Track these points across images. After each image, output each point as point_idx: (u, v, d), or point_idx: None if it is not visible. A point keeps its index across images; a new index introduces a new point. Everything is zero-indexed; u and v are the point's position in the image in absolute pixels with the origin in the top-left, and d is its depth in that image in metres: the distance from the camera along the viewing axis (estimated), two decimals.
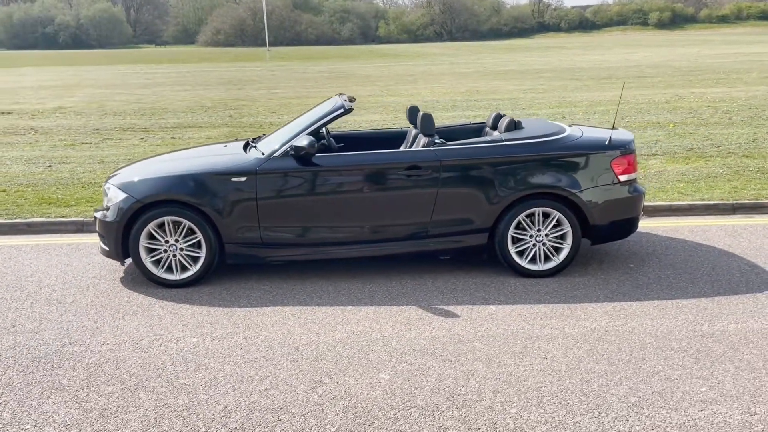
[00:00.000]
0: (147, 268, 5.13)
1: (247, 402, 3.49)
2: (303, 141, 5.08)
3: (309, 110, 6.05)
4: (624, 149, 5.33)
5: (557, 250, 5.27)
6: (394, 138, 6.11)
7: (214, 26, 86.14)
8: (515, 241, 5.25)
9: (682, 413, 3.32)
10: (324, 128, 5.98)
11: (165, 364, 3.93)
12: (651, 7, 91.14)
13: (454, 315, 4.58)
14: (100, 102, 19.05)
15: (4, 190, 8.22)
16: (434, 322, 4.45)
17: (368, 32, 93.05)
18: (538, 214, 5.19)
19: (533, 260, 5.26)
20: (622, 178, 5.29)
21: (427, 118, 5.48)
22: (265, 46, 64.03)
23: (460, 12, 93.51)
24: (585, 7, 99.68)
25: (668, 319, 4.45)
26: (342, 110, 5.29)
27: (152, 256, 5.13)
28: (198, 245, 5.12)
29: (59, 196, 7.84)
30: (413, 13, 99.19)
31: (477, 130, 6.14)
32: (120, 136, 12.82)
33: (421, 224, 5.19)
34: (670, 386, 3.58)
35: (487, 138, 5.39)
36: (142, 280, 5.23)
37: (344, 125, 12.25)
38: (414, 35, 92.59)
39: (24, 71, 37.27)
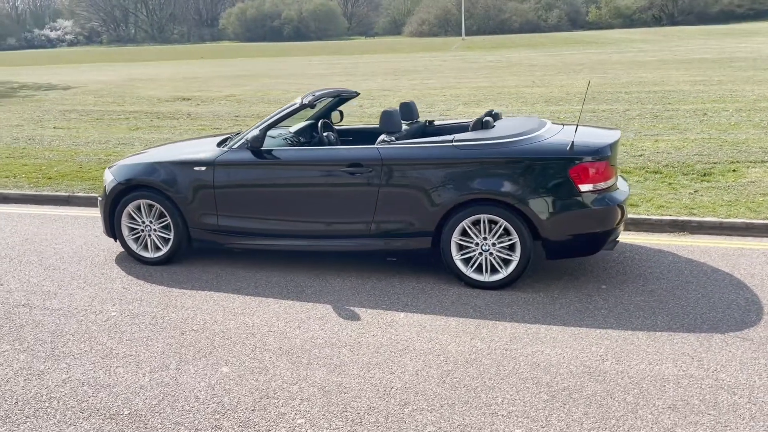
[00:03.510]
0: (128, 245, 5.71)
1: (77, 375, 3.80)
2: (252, 134, 5.28)
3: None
4: (593, 156, 4.74)
5: (507, 262, 4.89)
6: (416, 133, 5.94)
7: (420, 17, 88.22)
8: (461, 248, 4.96)
9: None
10: (322, 122, 6.13)
11: (72, 330, 4.39)
12: None
13: (356, 318, 4.50)
14: (265, 91, 20.73)
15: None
16: (328, 324, 4.42)
17: (577, 18, 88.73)
18: (484, 222, 4.85)
19: (479, 270, 4.93)
20: (585, 187, 4.71)
21: (389, 115, 5.36)
22: (465, 35, 64.12)
23: None
24: None
25: (571, 350, 3.95)
26: (297, 105, 5.38)
27: (133, 235, 5.70)
28: (168, 227, 5.58)
29: None
30: None
31: (464, 127, 5.83)
32: (253, 123, 13.96)
33: (364, 223, 5.11)
34: (481, 422, 3.23)
35: (436, 138, 5.12)
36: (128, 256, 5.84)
37: (432, 115, 12.09)
38: (629, 20, 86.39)
39: (234, 62, 41.64)
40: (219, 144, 5.61)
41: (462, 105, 15.26)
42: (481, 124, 5.26)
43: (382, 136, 5.27)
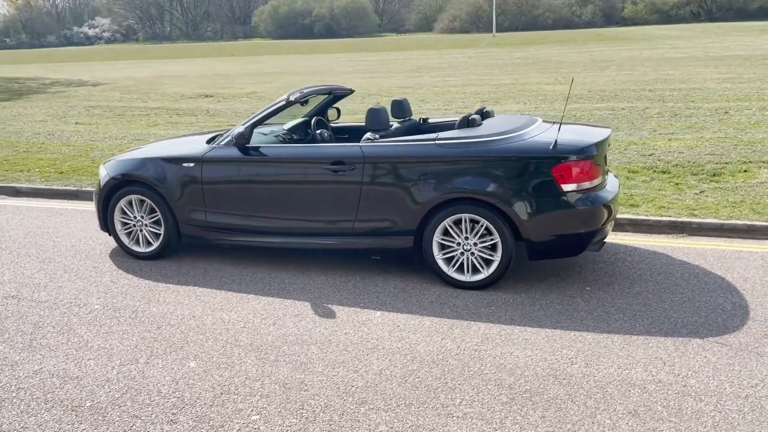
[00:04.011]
0: (120, 239, 5.80)
1: (49, 366, 3.87)
2: (238, 131, 5.32)
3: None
4: (578, 155, 4.65)
5: (488, 262, 4.83)
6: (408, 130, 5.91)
7: (451, 13, 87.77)
8: (443, 247, 4.91)
9: None
10: (315, 119, 6.14)
11: (54, 322, 4.48)
12: None
13: (331, 316, 4.49)
14: (287, 88, 20.84)
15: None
16: (303, 321, 4.42)
17: (613, 14, 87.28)
18: (466, 221, 4.79)
19: (461, 270, 4.88)
20: (568, 187, 4.62)
21: (375, 112, 5.34)
22: (496, 31, 63.61)
23: None
24: None
25: (541, 352, 3.89)
26: (283, 103, 5.39)
27: (125, 229, 5.79)
28: (159, 223, 5.65)
29: None
30: None
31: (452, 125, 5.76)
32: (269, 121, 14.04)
33: (347, 221, 5.10)
34: (434, 423, 3.20)
35: (419, 137, 5.07)
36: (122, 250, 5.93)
37: (447, 113, 12.00)
38: (666, 16, 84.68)
39: (263, 59, 41.99)
40: (209, 141, 5.66)
41: (480, 102, 15.13)
42: (467, 122, 5.20)
43: (368, 134, 5.25)
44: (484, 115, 5.72)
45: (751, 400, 3.32)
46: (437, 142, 4.89)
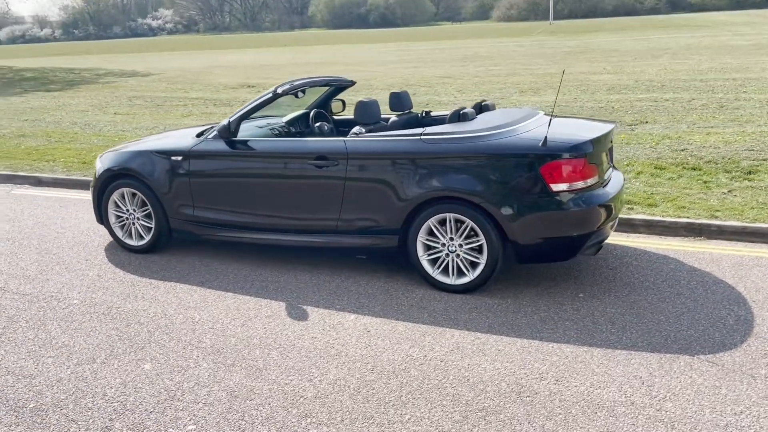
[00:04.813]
0: (114, 232, 5.78)
1: (8, 363, 3.83)
2: (222, 124, 5.18)
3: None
4: (570, 152, 4.31)
5: (474, 265, 4.56)
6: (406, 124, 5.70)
7: (508, 1, 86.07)
8: (428, 248, 4.67)
9: None
10: (314, 111, 5.98)
11: (28, 317, 4.46)
12: None
13: (303, 318, 4.32)
14: None
15: None
16: (273, 323, 4.26)
17: (679, 0, 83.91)
18: (450, 221, 4.53)
19: (446, 272, 4.63)
20: (558, 187, 4.29)
21: (363, 105, 5.12)
22: (553, 19, 62.01)
23: None
24: None
25: (512, 365, 3.61)
26: (270, 95, 5.22)
27: (119, 222, 5.76)
28: (150, 216, 5.59)
29: None
30: None
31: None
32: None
33: (331, 218, 4.91)
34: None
35: (404, 132, 4.81)
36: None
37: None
38: (735, 1, 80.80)
39: (315, 49, 42.11)
40: (199, 134, 5.55)
41: (518, 93, 14.67)
42: (458, 117, 4.92)
43: (355, 128, 5.04)
44: (483, 108, 5.42)
45: (730, 430, 2.97)
46: (422, 137, 4.64)
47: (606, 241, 5.51)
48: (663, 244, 5.49)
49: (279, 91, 5.23)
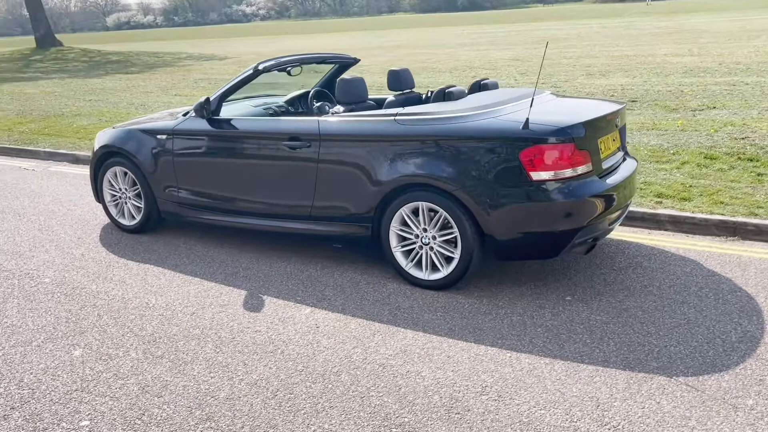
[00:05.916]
0: (108, 211, 5.71)
1: None
2: (199, 102, 4.95)
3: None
4: (555, 136, 3.77)
5: (449, 259, 4.12)
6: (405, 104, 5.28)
7: None
8: (401, 239, 4.27)
9: None
10: (315, 90, 5.70)
11: (10, 290, 4.44)
12: None
13: (257, 310, 4.04)
14: (393, 62, 20.37)
15: None
16: (224, 313, 4.00)
17: None
18: (423, 210, 4.11)
19: (419, 266, 4.22)
20: (540, 175, 3.77)
21: (345, 83, 4.74)
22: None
23: None
24: None
25: (456, 375, 3.18)
26: (250, 72, 4.92)
27: (113, 201, 5.68)
28: (140, 196, 5.47)
29: None
30: None
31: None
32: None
33: (305, 204, 4.59)
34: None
35: (378, 112, 4.39)
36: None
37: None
38: None
39: (393, 33, 41.77)
40: (186, 113, 5.36)
41: (585, 76, 13.77)
42: (443, 96, 4.47)
43: (334, 108, 4.69)
44: (483, 87, 4.92)
45: None
46: (396, 118, 4.22)
47: (620, 238, 4.93)
48: (687, 243, 4.83)
49: (260, 67, 4.94)
